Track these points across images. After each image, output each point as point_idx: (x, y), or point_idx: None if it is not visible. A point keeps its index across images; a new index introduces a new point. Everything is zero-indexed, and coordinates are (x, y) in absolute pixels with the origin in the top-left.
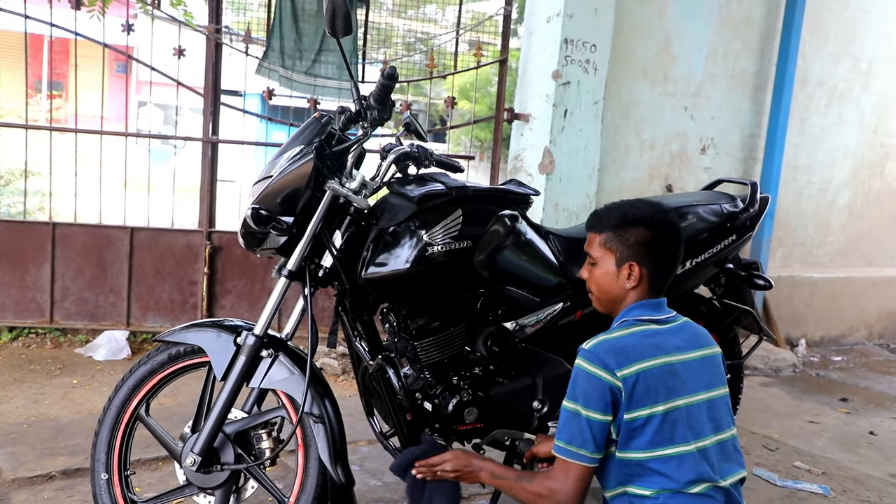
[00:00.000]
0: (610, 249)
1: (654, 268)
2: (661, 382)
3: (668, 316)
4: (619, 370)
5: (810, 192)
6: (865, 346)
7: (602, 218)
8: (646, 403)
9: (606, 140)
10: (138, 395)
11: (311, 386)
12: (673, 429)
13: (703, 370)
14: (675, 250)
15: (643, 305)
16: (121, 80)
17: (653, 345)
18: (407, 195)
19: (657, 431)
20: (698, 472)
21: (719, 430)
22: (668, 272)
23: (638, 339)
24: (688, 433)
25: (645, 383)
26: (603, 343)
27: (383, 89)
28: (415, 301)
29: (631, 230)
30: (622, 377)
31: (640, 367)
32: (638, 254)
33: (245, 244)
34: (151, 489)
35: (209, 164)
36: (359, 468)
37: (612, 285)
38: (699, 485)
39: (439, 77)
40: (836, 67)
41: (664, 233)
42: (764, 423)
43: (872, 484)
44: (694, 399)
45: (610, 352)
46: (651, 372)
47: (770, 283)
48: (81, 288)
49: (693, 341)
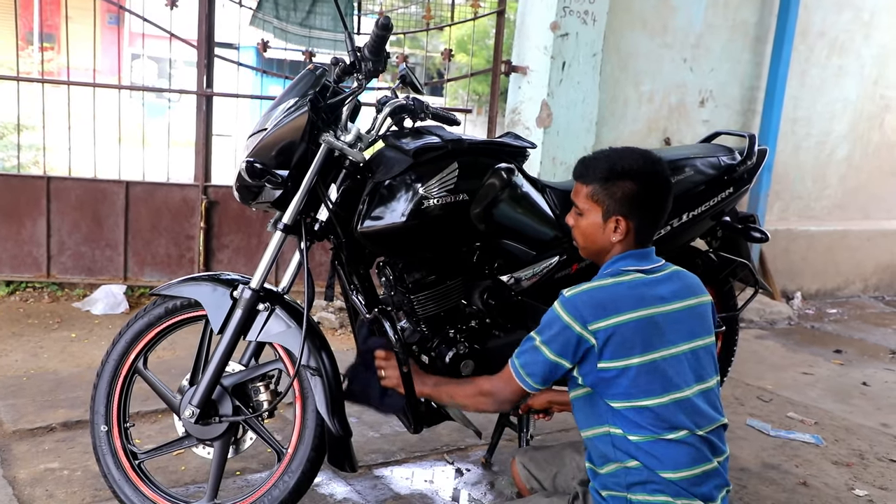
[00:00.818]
0: (596, 202)
1: (642, 221)
2: (638, 335)
3: (655, 265)
4: (593, 324)
5: (809, 145)
6: (860, 298)
7: (589, 168)
8: (620, 356)
9: (605, 93)
10: (136, 348)
11: (307, 339)
12: (650, 380)
13: (686, 320)
14: (663, 203)
15: (630, 256)
16: (113, 31)
17: (635, 297)
18: (402, 148)
19: (632, 383)
20: (675, 421)
21: (701, 380)
22: (654, 224)
23: (621, 290)
24: (666, 384)
25: (620, 337)
26: (583, 293)
27: (378, 40)
28: (411, 255)
29: (619, 183)
30: (594, 331)
31: (617, 320)
32: (625, 208)
33: (240, 198)
34: (151, 441)
35: (204, 118)
36: (356, 420)
37: (598, 237)
38: (677, 432)
39: (436, 29)
40: (838, 17)
41: (652, 186)
42: (758, 374)
43: (864, 433)
44: (674, 350)
45: (588, 304)
46: (628, 325)
47: (767, 236)
48: (77, 242)
49: (680, 291)
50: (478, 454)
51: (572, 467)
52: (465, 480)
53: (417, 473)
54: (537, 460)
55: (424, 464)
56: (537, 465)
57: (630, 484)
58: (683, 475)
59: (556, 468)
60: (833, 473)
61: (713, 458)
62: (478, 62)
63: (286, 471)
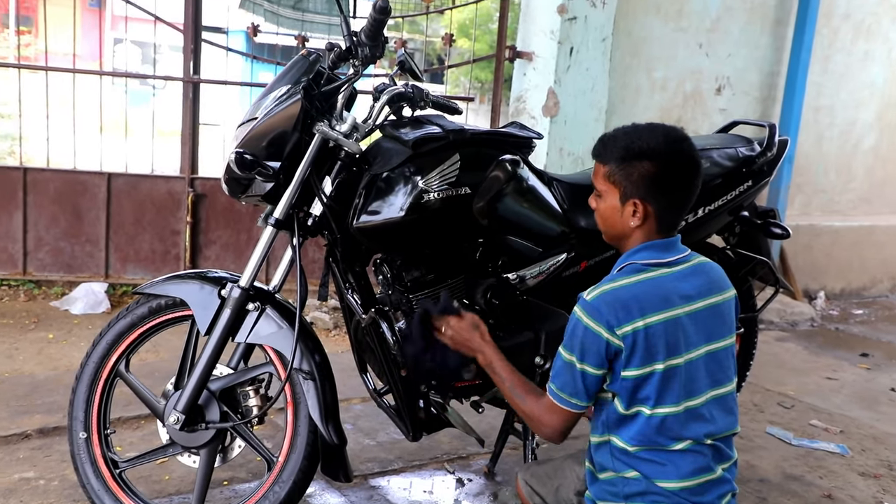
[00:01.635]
0: (614, 183)
1: (663, 205)
2: (663, 339)
3: (679, 256)
4: (620, 328)
5: (832, 135)
6: (889, 298)
7: (607, 146)
8: (645, 362)
9: (615, 80)
10: (118, 350)
11: (300, 340)
12: (669, 387)
13: (707, 320)
14: (688, 185)
15: (651, 247)
16: (94, 14)
17: (659, 296)
18: (401, 139)
19: (653, 390)
20: (684, 430)
21: (718, 384)
22: (679, 210)
23: (643, 288)
24: (683, 391)
25: (646, 341)
26: (605, 295)
27: (375, 24)
28: (410, 251)
29: (636, 163)
30: (622, 335)
31: (643, 322)
32: (643, 190)
33: (229, 191)
34: (133, 448)
35: (191, 106)
36: (351, 427)
37: (617, 221)
38: (682, 442)
39: (436, 12)
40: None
41: (674, 166)
42: (779, 379)
43: (892, 443)
44: (693, 355)
45: (612, 305)
46: (654, 328)
47: (788, 231)
48: (56, 238)
49: (703, 287)
50: (480, 463)
51: (572, 478)
52: (466, 491)
53: (416, 483)
54: (539, 475)
55: (423, 473)
56: (539, 481)
57: (628, 495)
58: (685, 485)
59: (557, 481)
60: (860, 486)
61: (717, 467)
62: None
63: (277, 480)
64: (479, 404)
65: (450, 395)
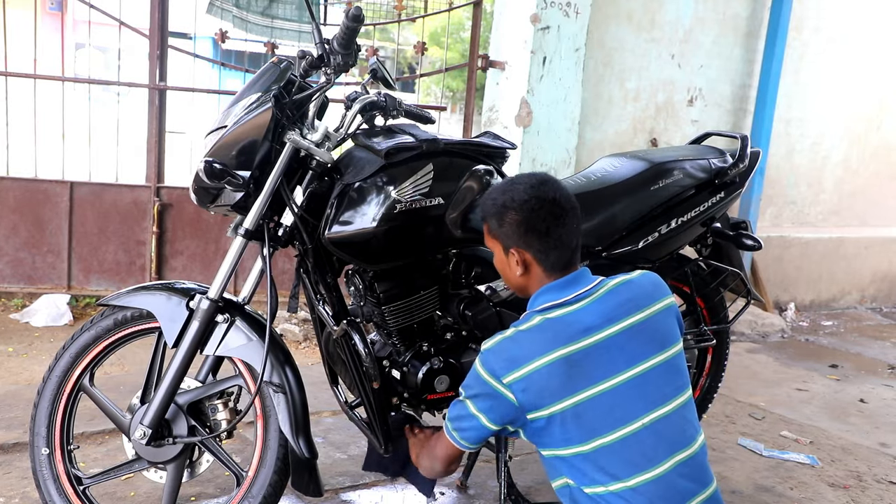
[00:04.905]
0: (496, 238)
1: (538, 248)
2: (556, 380)
3: (583, 290)
4: (506, 376)
5: (803, 147)
6: (857, 310)
7: (484, 206)
8: (542, 404)
9: (588, 90)
10: (81, 363)
11: (270, 353)
12: (583, 423)
13: (623, 345)
14: (556, 224)
15: (549, 290)
16: (55, 18)
17: (547, 338)
18: (373, 148)
19: (564, 430)
20: (630, 463)
21: (657, 405)
22: (558, 248)
23: (532, 334)
24: (605, 423)
25: (536, 385)
26: (496, 346)
27: (348, 32)
28: (382, 262)
29: (505, 216)
30: (508, 384)
31: (528, 368)
32: (515, 239)
33: (198, 200)
34: (97, 464)
35: (156, 114)
36: (322, 440)
37: (508, 273)
38: (636, 476)
39: (408, 20)
40: (835, 12)
41: (535, 211)
42: (750, 390)
43: (861, 453)
44: (608, 384)
45: (500, 354)
46: (541, 371)
47: (759, 243)
48: (16, 248)
49: (615, 311)
50: (453, 476)
51: None
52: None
53: (387, 497)
54: None
55: (395, 487)
56: None
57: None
58: None
59: None
60: (829, 496)
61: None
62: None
63: (246, 496)
64: None
65: (422, 407)
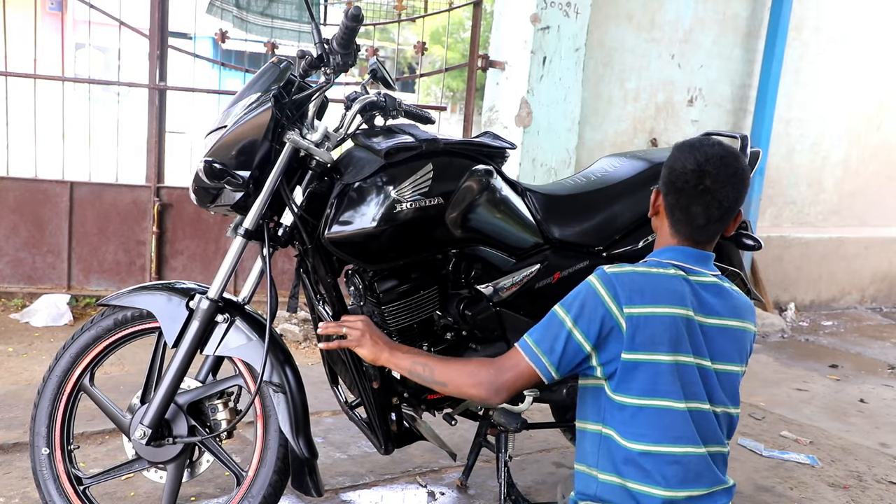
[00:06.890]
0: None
1: (670, 202)
2: (668, 332)
3: (701, 270)
4: (628, 307)
5: (803, 147)
6: (857, 310)
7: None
8: (648, 348)
9: (588, 90)
10: (82, 363)
11: (270, 353)
12: (668, 382)
13: (718, 338)
14: (693, 191)
15: (679, 250)
16: (55, 18)
17: (675, 292)
18: (373, 148)
19: (654, 381)
20: (685, 433)
21: (718, 402)
22: (686, 217)
23: (663, 281)
24: (688, 392)
25: (650, 329)
26: (625, 275)
27: (347, 32)
28: (382, 262)
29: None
30: (628, 315)
31: (651, 310)
32: (664, 185)
33: (197, 200)
34: (97, 464)
35: (156, 114)
36: (322, 440)
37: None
38: (678, 446)
39: (408, 20)
40: (835, 12)
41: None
42: (750, 390)
43: (861, 453)
44: (698, 362)
45: (627, 284)
46: (661, 319)
47: (759, 243)
48: (16, 248)
49: (722, 306)
50: (453, 476)
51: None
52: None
53: (387, 497)
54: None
55: (395, 486)
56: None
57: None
58: (672, 494)
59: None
60: (829, 496)
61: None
62: (453, 56)
63: (246, 496)
64: (452, 417)
65: (422, 407)
